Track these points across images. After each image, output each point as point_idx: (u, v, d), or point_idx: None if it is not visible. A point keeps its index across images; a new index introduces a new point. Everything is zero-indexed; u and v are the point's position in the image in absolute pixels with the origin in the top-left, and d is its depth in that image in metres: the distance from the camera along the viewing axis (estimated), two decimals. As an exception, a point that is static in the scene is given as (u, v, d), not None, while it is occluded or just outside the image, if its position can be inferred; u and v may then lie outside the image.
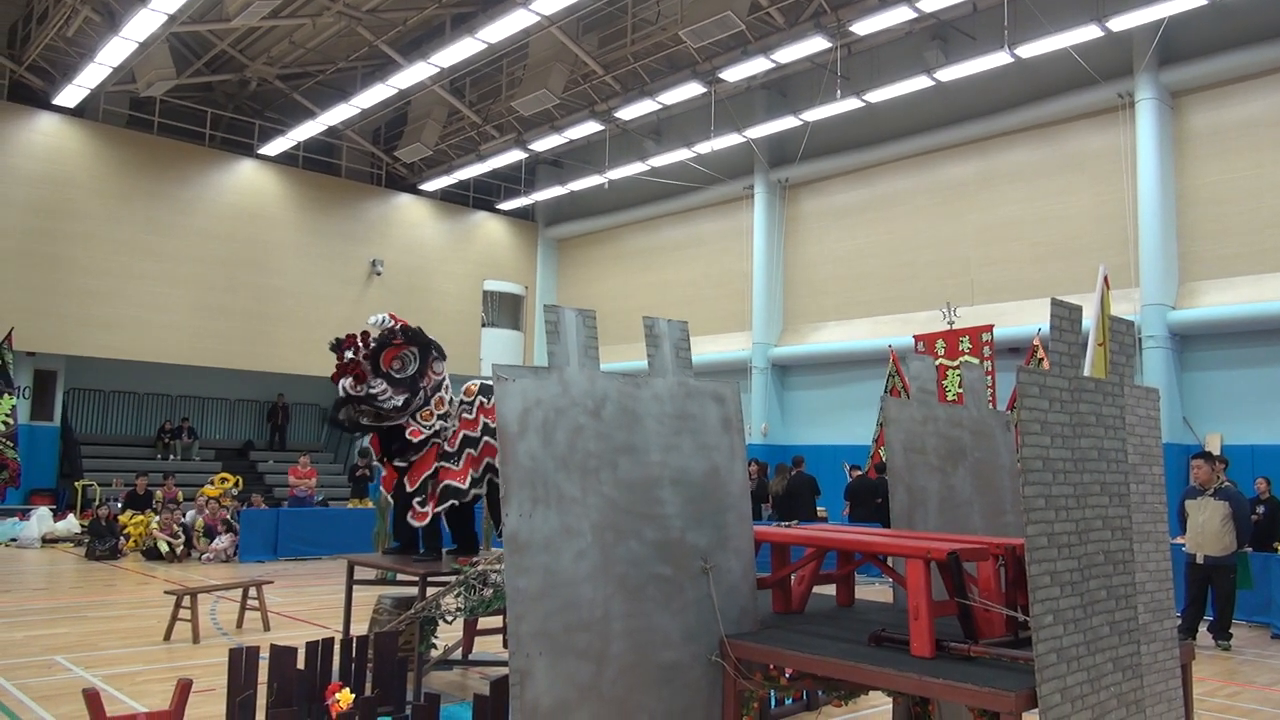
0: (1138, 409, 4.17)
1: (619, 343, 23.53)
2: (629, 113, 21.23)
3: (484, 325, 27.40)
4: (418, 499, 7.40)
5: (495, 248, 27.98)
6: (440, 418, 7.48)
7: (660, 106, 20.83)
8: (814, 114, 19.86)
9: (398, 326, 7.39)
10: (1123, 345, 4.41)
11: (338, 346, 7.38)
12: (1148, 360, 16.18)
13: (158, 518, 16.79)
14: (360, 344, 7.26)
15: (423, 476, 7.41)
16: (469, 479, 7.49)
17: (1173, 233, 16.72)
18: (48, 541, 18.01)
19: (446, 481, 7.42)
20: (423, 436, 7.38)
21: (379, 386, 7.18)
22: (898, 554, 4.37)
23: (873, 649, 4.08)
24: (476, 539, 8.05)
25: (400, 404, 7.22)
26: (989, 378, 14.10)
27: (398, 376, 7.28)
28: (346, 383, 7.15)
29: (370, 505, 18.82)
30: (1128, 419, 4.09)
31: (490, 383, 7.66)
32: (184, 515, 17.07)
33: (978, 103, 19.19)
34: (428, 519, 7.41)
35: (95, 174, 21.49)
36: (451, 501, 7.43)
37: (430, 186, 26.24)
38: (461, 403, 7.66)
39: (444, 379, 7.59)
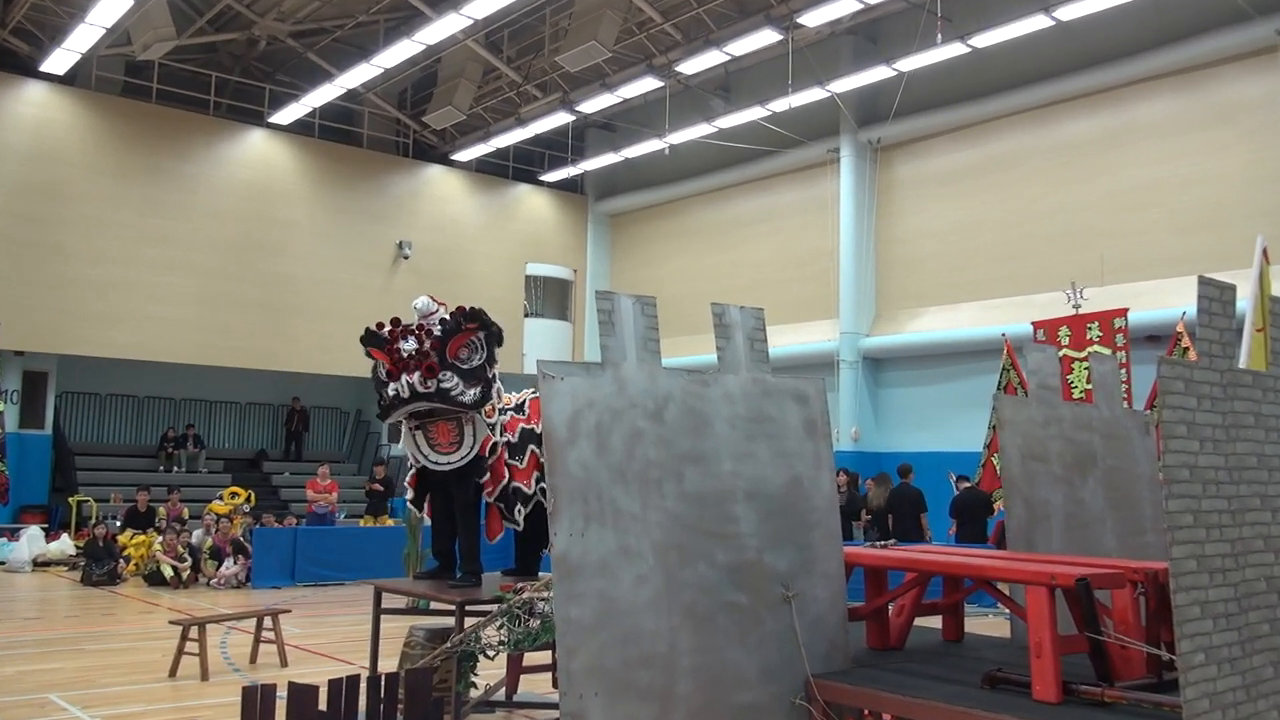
0: (1306, 406, 4.06)
1: (683, 334, 23.51)
2: (692, 66, 21.18)
3: (527, 315, 27.59)
4: (507, 506, 7.57)
5: (539, 226, 28.14)
6: (501, 411, 7.61)
7: (729, 58, 20.74)
8: (910, 62, 19.63)
9: (464, 310, 7.42)
10: (1287, 330, 4.29)
11: (376, 339, 7.40)
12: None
13: (161, 538, 17.17)
14: (418, 332, 7.27)
15: (501, 484, 7.55)
16: (534, 481, 7.67)
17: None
18: (39, 565, 18.51)
19: (515, 484, 7.59)
20: (492, 443, 7.49)
21: (451, 380, 7.25)
22: (1015, 580, 4.31)
23: (986, 692, 4.02)
24: (540, 559, 8.11)
25: (478, 398, 7.30)
26: (1123, 371, 13.83)
27: (465, 368, 7.34)
28: (413, 379, 7.16)
29: (390, 523, 19.09)
30: (1293, 419, 3.98)
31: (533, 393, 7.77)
32: (190, 535, 17.44)
33: (1106, 45, 18.83)
34: (521, 524, 7.62)
35: (87, 149, 22.03)
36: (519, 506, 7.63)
37: (464, 157, 26.47)
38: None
39: (497, 372, 7.69)
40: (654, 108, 24.93)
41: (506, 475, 7.58)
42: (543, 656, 7.53)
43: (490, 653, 6.35)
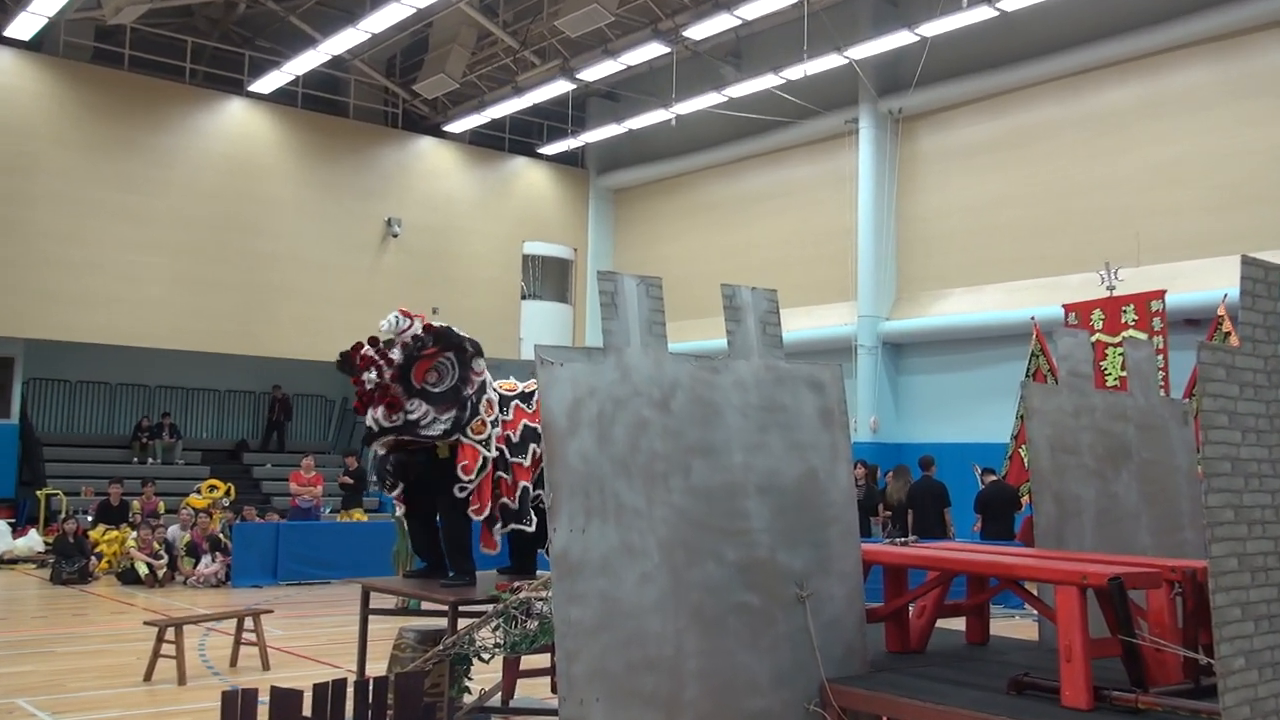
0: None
1: (691, 317, 23.51)
2: (701, 31, 21.12)
3: (524, 297, 27.60)
4: (491, 524, 7.58)
5: (537, 202, 28.13)
6: (493, 424, 7.56)
7: (740, 22, 20.68)
8: (934, 27, 19.57)
9: (421, 329, 7.37)
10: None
11: (348, 365, 7.39)
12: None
13: (135, 534, 17.22)
14: (380, 359, 7.24)
15: (488, 505, 7.53)
16: (533, 480, 7.71)
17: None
18: (6, 562, 18.59)
19: (503, 500, 7.62)
20: (481, 460, 7.45)
21: (418, 410, 7.22)
22: (1044, 579, 4.31)
23: (1013, 698, 4.03)
24: (536, 558, 8.13)
25: (450, 426, 7.28)
26: (1160, 357, 13.81)
27: (437, 391, 7.32)
28: (378, 414, 7.18)
29: (363, 517, 19.14)
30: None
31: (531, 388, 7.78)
32: (166, 531, 17.48)
33: (1141, 9, 18.75)
34: (497, 547, 7.63)
35: (55, 120, 22.01)
36: (513, 525, 7.63)
37: (457, 128, 26.45)
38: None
39: (485, 377, 7.64)
40: (660, 75, 24.88)
41: (490, 501, 7.54)
42: (541, 660, 7.56)
43: (485, 656, 6.37)
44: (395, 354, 7.27)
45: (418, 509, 7.91)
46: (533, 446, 7.71)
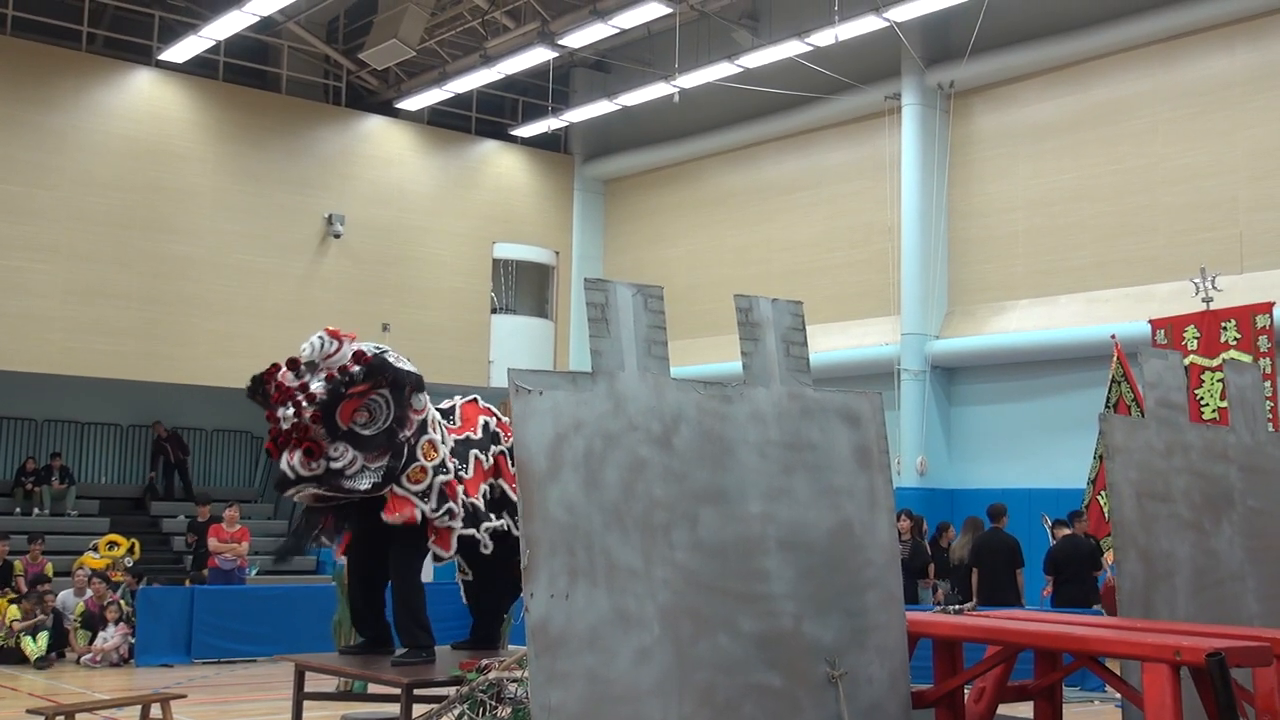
0: None
1: (698, 335, 23.54)
2: (710, -13, 21.18)
3: (495, 311, 27.59)
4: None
5: (510, 195, 28.16)
6: (436, 470, 7.56)
7: (757, -23, 20.76)
8: (993, -17, 19.66)
9: (349, 359, 7.34)
10: None
11: (261, 394, 7.39)
12: None
13: (19, 602, 17.14)
14: (300, 392, 7.21)
15: (451, 547, 7.59)
16: (482, 495, 7.76)
17: None
18: None
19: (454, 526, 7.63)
20: (419, 514, 7.46)
21: (344, 457, 7.20)
22: (1128, 655, 4.31)
23: (1092, 800, 4.03)
24: (499, 620, 8.12)
25: (381, 479, 7.26)
26: (1268, 384, 13.85)
27: (367, 434, 7.30)
28: (294, 460, 7.16)
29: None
30: None
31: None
32: (55, 598, 17.40)
33: (1247, -40, 18.86)
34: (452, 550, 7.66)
35: (-77, 95, 22.03)
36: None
37: (412, 105, 26.48)
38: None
39: (428, 415, 7.64)
40: (660, 42, 24.96)
41: (454, 544, 7.60)
42: (515, 755, 7.54)
43: (447, 750, 6.36)
44: (318, 386, 7.23)
45: (360, 568, 7.90)
46: (474, 454, 7.83)
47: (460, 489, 7.64)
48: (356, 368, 7.30)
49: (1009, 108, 22.10)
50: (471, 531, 7.66)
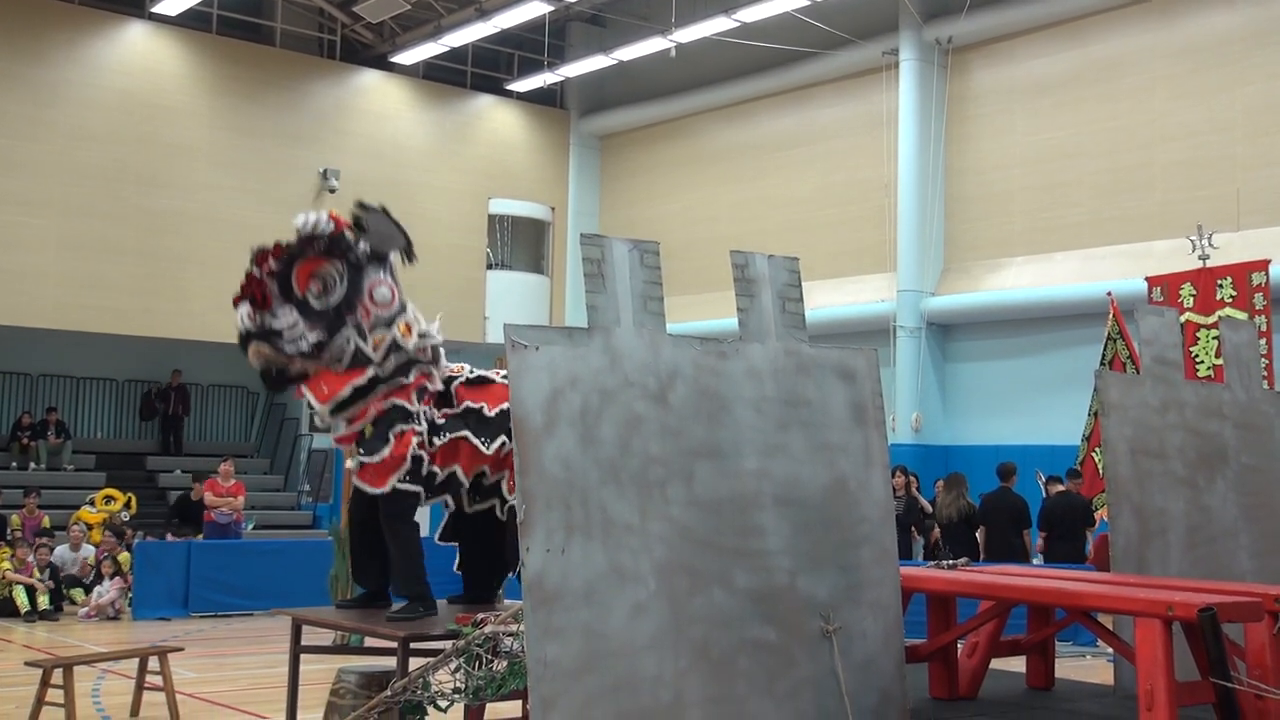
0: None
1: (694, 291, 23.51)
2: (707, -59, 21.05)
3: (490, 267, 27.56)
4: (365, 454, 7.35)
5: (506, 150, 28.07)
6: (397, 350, 7.44)
7: (754, -70, 20.63)
8: (991, -63, 19.55)
9: (325, 226, 7.42)
10: None
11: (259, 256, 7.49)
12: None
13: (13, 555, 17.18)
14: (273, 254, 7.44)
15: (389, 475, 7.36)
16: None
17: None
18: None
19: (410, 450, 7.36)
20: (361, 381, 7.32)
21: (284, 319, 7.23)
22: (1121, 611, 4.33)
23: (1083, 754, 4.06)
24: (505, 569, 8.08)
25: (307, 349, 7.25)
26: (1263, 341, 13.84)
27: (317, 307, 7.32)
28: (243, 310, 7.29)
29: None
30: None
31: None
32: (52, 552, 17.46)
33: (1248, -85, 18.77)
34: (388, 485, 7.31)
35: (-86, 47, 21.90)
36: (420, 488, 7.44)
37: (407, 59, 26.35)
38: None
39: (402, 305, 7.63)
40: (656, -5, 24.84)
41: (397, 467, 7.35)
42: (511, 708, 7.58)
43: (442, 703, 6.38)
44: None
45: (359, 513, 7.87)
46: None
47: (414, 441, 7.39)
48: (319, 237, 7.41)
49: (1007, 64, 22.03)
50: (416, 488, 7.46)
